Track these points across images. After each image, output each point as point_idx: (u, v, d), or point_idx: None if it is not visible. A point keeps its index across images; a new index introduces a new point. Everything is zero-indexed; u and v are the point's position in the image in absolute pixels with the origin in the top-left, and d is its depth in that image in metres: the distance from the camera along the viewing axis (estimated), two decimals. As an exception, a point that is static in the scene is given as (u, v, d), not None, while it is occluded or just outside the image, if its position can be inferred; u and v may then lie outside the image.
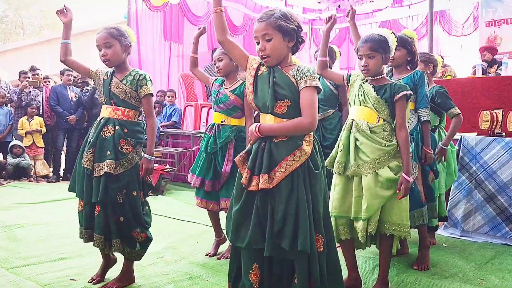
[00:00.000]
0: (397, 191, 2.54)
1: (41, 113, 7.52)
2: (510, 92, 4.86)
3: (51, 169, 7.68)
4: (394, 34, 2.69)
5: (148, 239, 2.79)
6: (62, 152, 7.86)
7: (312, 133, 2.07)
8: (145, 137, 2.78)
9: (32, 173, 7.26)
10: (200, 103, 7.70)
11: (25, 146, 7.22)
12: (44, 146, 7.47)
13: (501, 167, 3.83)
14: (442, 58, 7.53)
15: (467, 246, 3.74)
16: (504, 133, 3.99)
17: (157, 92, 7.92)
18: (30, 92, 7.50)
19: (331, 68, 4.02)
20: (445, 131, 3.65)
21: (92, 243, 2.72)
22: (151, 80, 2.76)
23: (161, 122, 7.44)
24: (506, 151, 3.80)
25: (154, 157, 2.75)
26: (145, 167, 2.69)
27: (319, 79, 2.69)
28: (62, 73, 7.64)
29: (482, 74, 6.08)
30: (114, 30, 2.69)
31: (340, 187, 2.67)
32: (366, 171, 2.56)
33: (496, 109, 4.06)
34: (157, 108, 7.63)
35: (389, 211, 2.60)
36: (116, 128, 2.67)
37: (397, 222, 2.59)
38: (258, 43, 2.04)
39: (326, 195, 2.13)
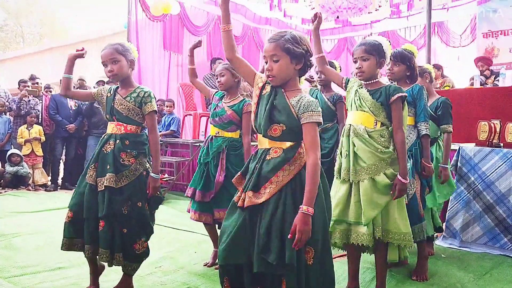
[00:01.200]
0: (391, 192, 2.55)
1: (40, 121, 7.53)
2: (508, 103, 4.88)
3: (50, 177, 7.67)
4: (390, 43, 2.73)
5: (147, 251, 2.78)
6: (61, 160, 7.85)
7: (303, 145, 2.05)
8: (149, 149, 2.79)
9: (30, 181, 7.25)
10: (199, 112, 7.71)
11: (24, 155, 7.22)
12: (42, 154, 7.47)
13: (499, 177, 3.84)
14: (441, 69, 7.60)
15: (465, 257, 3.74)
16: (502, 144, 4.00)
17: (156, 101, 7.93)
18: (29, 101, 7.51)
19: (330, 83, 4.06)
20: (442, 143, 3.65)
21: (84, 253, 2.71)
22: (155, 97, 2.81)
23: (160, 132, 7.45)
24: (504, 162, 3.82)
25: (159, 175, 2.77)
26: (152, 186, 2.71)
27: (316, 97, 2.72)
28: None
29: (482, 85, 6.12)
30: (119, 46, 2.74)
31: (343, 192, 2.67)
32: (363, 177, 2.59)
33: (494, 119, 4.08)
34: (157, 118, 7.64)
35: (387, 220, 2.61)
36: (117, 142, 2.70)
37: (398, 231, 2.59)
38: (266, 63, 2.06)
39: (325, 205, 2.06)
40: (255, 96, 2.11)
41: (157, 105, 7.77)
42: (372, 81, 2.70)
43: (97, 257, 2.71)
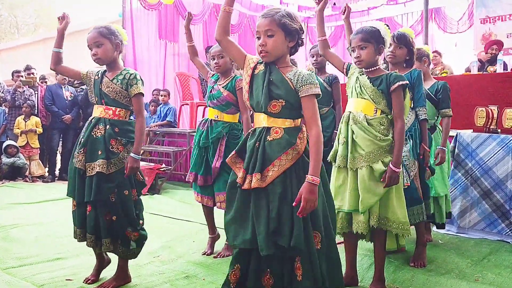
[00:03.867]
0: (381, 180, 2.54)
1: (36, 112, 7.48)
2: (505, 89, 4.86)
3: (47, 169, 7.64)
4: (389, 27, 2.70)
5: (143, 237, 2.78)
6: (58, 152, 7.83)
7: (305, 130, 2.06)
8: None
9: (27, 173, 7.23)
10: (196, 102, 7.69)
11: (19, 146, 7.18)
12: (39, 146, 7.43)
13: (496, 163, 3.84)
14: (440, 55, 7.55)
15: (463, 243, 3.75)
16: (499, 130, 3.99)
17: (152, 91, 7.90)
18: (24, 91, 7.46)
19: (325, 66, 4.03)
20: (440, 127, 3.65)
21: (85, 242, 2.72)
22: (142, 80, 2.76)
23: (156, 122, 7.43)
24: (502, 148, 3.81)
25: (140, 156, 2.74)
26: (129, 166, 2.64)
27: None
28: (57, 73, 7.59)
29: (480, 71, 6.08)
30: (103, 29, 2.69)
31: (341, 180, 2.67)
32: (361, 165, 2.57)
33: (491, 105, 4.06)
34: (153, 107, 7.60)
35: (386, 208, 2.60)
36: (107, 128, 2.67)
37: (397, 220, 2.58)
38: (259, 38, 2.03)
39: (327, 190, 2.12)
40: (247, 76, 2.09)
41: (153, 95, 7.78)
42: (373, 68, 2.66)
43: (101, 248, 2.72)
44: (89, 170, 2.63)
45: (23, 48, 17.71)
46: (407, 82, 2.63)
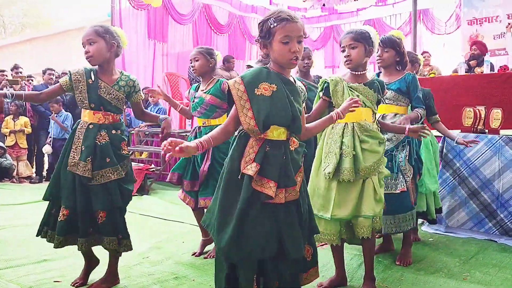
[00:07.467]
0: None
1: (23, 112, 7.39)
2: (492, 89, 4.91)
3: (34, 169, 7.56)
4: (377, 32, 2.72)
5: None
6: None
7: None
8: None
9: (14, 174, 7.14)
10: (185, 102, 7.64)
11: (7, 146, 7.09)
12: (27, 146, 7.35)
13: (484, 163, 3.88)
14: (430, 55, 7.61)
15: (451, 242, 3.78)
16: (487, 130, 4.03)
17: (142, 89, 7.84)
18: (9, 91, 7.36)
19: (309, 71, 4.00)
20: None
21: (76, 246, 2.65)
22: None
23: (145, 122, 7.38)
24: (489, 148, 3.85)
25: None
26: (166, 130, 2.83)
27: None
28: (44, 72, 7.52)
29: (467, 72, 6.13)
30: (99, 27, 2.63)
31: (344, 192, 2.57)
32: (375, 171, 2.55)
33: (479, 106, 4.10)
34: (142, 106, 7.55)
35: (362, 202, 2.56)
36: (112, 132, 2.65)
37: (377, 214, 2.57)
38: (286, 43, 1.91)
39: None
40: (247, 105, 1.91)
41: (144, 93, 7.73)
42: (361, 72, 2.64)
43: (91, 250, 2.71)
44: (98, 178, 2.58)
45: (10, 48, 17.54)
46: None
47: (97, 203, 2.57)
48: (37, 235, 2.71)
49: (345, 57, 2.62)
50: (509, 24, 8.04)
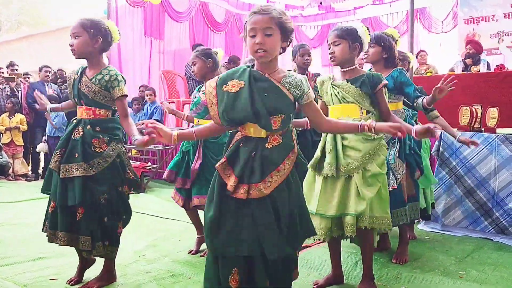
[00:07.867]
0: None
1: (20, 110, 7.35)
2: (488, 88, 4.93)
3: (30, 167, 7.54)
4: (368, 30, 2.69)
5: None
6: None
7: (294, 129, 2.08)
8: (122, 133, 2.72)
9: (10, 171, 7.11)
10: (182, 100, 7.64)
11: (3, 144, 7.08)
12: (23, 144, 7.32)
13: (480, 162, 3.89)
14: (426, 54, 7.62)
15: (447, 240, 3.79)
16: (483, 129, 4.04)
17: (139, 87, 7.83)
18: (4, 88, 7.33)
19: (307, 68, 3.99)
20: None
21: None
22: (124, 80, 2.65)
23: (143, 120, 7.35)
24: (485, 146, 3.86)
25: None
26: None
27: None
28: (40, 70, 7.50)
29: (464, 71, 6.14)
30: (86, 20, 2.58)
31: (328, 188, 2.59)
32: (356, 169, 2.52)
33: (475, 104, 4.11)
34: (136, 106, 7.49)
35: (370, 205, 2.59)
36: (87, 128, 2.58)
37: (378, 215, 2.58)
38: (252, 36, 1.90)
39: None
40: (214, 101, 1.97)
41: (140, 91, 7.69)
42: (348, 68, 2.63)
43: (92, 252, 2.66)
44: (63, 172, 2.54)
45: (6, 45, 17.46)
46: (387, 82, 2.68)
47: (69, 198, 2.55)
48: (42, 231, 2.76)
49: (329, 54, 2.63)
50: (500, 38, 8.14)
